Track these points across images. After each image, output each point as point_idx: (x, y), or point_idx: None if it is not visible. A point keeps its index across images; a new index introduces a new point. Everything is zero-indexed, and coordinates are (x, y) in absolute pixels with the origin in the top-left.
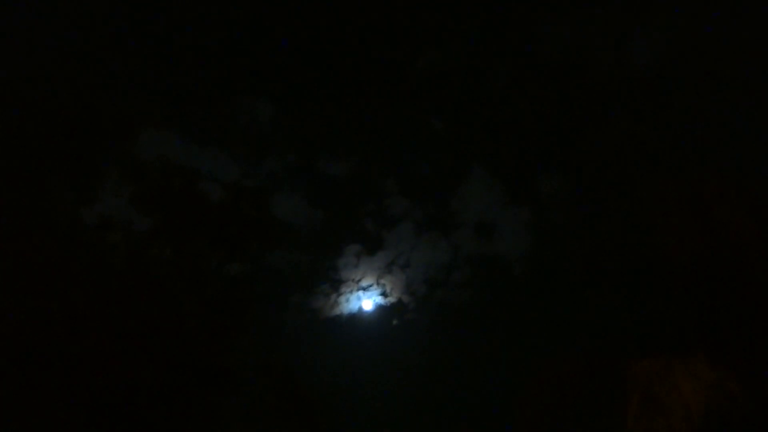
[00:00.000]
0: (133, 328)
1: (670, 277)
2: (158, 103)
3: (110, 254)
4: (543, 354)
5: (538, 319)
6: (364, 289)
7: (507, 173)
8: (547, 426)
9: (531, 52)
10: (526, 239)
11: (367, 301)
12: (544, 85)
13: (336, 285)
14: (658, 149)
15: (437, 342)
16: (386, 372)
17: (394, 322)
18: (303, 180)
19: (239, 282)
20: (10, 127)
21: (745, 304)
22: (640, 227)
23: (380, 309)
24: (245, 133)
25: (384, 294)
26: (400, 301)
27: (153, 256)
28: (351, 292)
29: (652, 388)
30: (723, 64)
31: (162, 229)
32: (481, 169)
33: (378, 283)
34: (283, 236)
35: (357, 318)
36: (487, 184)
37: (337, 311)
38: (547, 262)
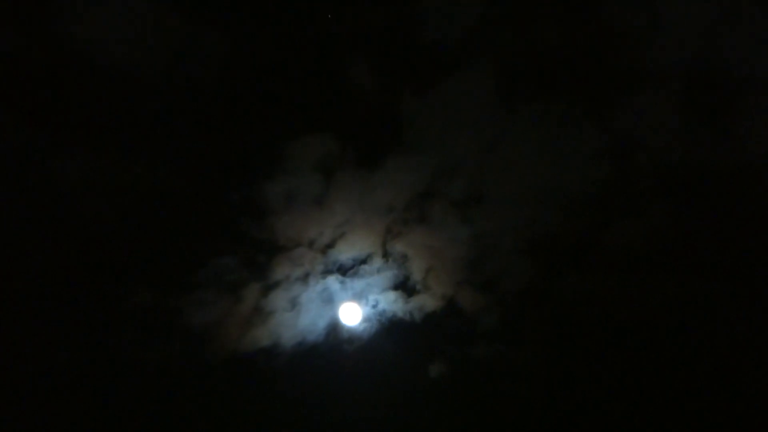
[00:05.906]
0: None
1: None
2: None
3: None
4: None
5: None
6: (344, 269)
7: None
8: None
9: None
10: None
11: (350, 306)
12: None
13: (260, 257)
14: None
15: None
16: None
17: (434, 371)
18: None
19: None
20: None
21: None
22: None
23: (388, 329)
24: None
25: (404, 286)
26: (452, 305)
27: None
28: (305, 278)
29: None
30: None
31: None
32: None
33: (386, 254)
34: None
35: (323, 353)
36: None
37: (263, 336)
38: None
